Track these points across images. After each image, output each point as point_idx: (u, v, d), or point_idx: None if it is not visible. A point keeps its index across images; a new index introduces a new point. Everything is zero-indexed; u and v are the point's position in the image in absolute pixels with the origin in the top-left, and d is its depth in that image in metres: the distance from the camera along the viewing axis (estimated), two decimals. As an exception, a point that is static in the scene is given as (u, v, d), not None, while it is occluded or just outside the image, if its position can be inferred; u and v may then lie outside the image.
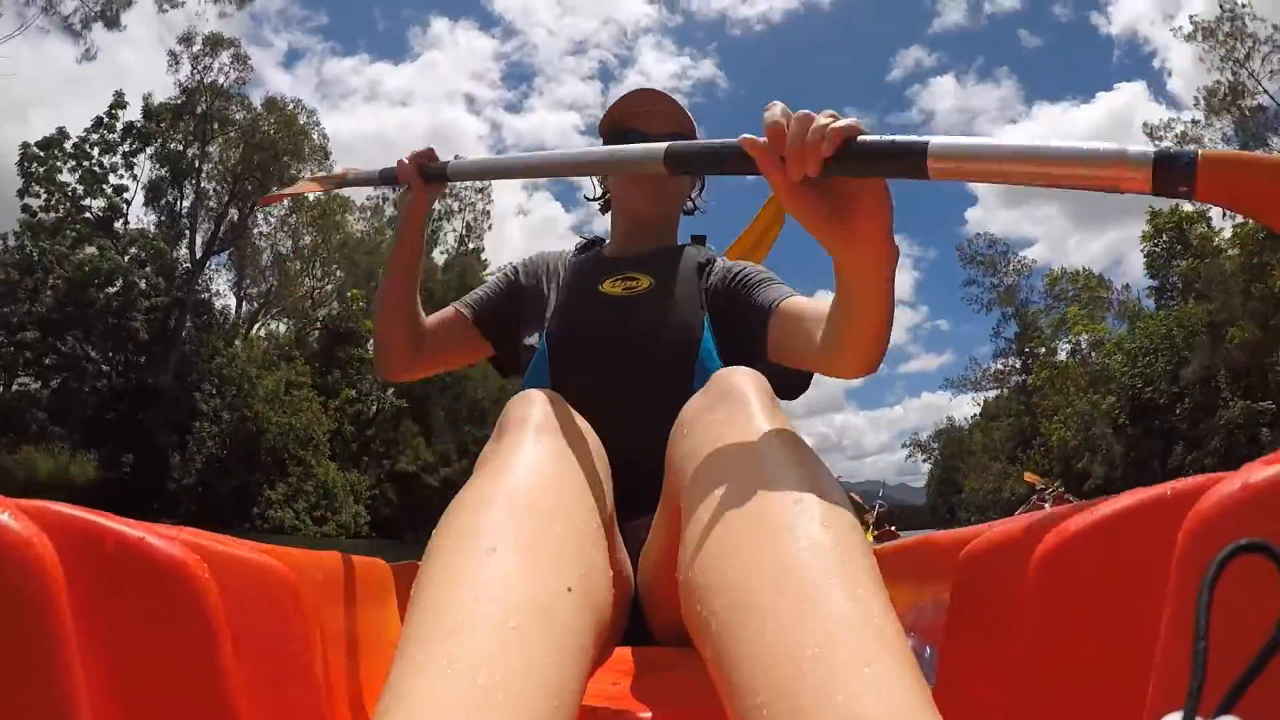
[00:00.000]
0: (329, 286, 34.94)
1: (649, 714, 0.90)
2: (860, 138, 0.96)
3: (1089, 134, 56.06)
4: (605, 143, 1.83)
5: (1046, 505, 7.38)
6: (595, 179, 2.03)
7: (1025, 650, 0.63)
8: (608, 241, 1.97)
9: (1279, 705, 0.42)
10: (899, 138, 0.96)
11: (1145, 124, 30.36)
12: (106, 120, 29.59)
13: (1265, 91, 29.78)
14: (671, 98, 1.81)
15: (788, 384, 1.69)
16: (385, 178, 1.76)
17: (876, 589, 0.69)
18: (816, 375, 1.67)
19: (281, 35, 66.97)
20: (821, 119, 0.96)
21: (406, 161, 1.68)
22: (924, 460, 61.36)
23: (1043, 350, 42.72)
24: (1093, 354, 38.91)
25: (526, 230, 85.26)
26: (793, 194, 1.00)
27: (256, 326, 33.94)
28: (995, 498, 45.50)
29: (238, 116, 32.18)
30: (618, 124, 1.83)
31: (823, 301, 1.39)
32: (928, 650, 0.93)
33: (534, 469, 0.90)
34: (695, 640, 0.77)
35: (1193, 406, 27.93)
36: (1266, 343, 25.07)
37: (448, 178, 1.68)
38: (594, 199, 2.07)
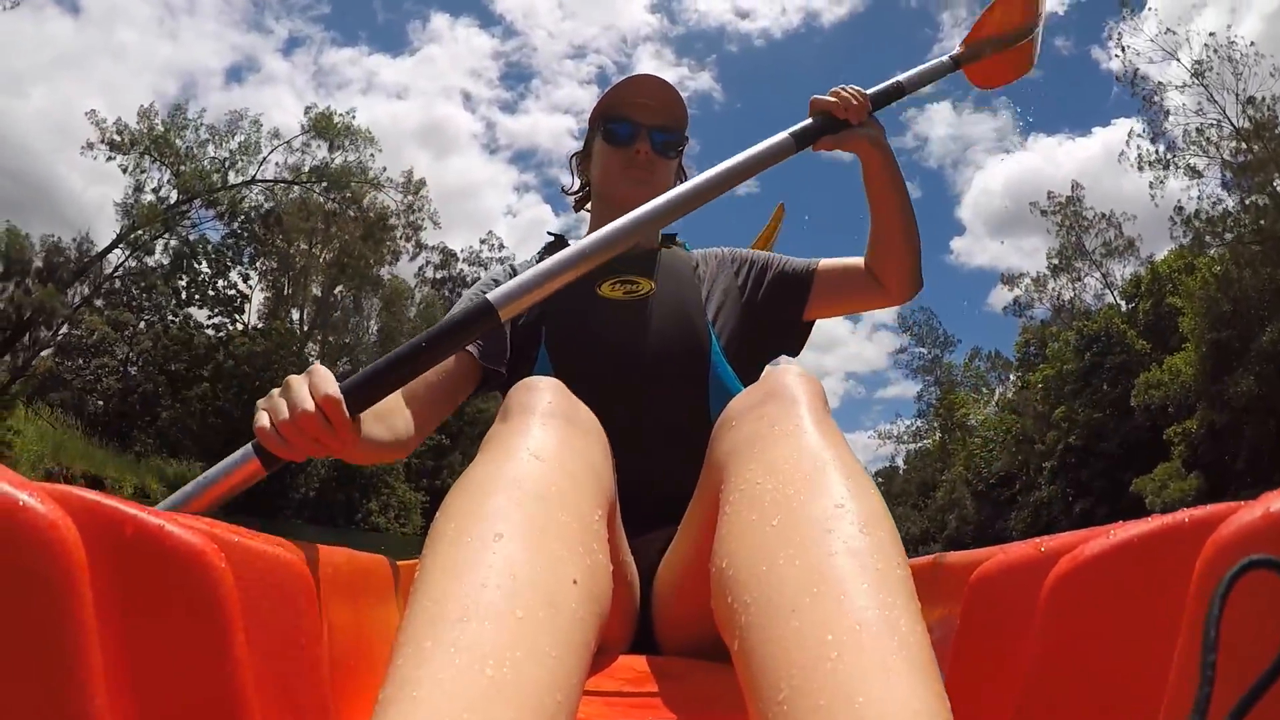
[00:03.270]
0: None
1: None
2: (874, 91, 1.49)
3: (1084, 168, 56.69)
4: (596, 128, 1.64)
5: None
6: (575, 167, 1.77)
7: (1034, 674, 0.56)
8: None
9: None
10: (884, 84, 1.53)
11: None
12: (237, 229, 33.40)
13: (1090, 258, 36.95)
14: (668, 85, 1.60)
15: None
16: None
17: (907, 598, 0.62)
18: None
19: (283, 22, 61.10)
20: (853, 92, 1.44)
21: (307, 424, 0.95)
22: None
23: (958, 413, 45.29)
24: (975, 430, 43.22)
25: (514, 232, 74.76)
26: (850, 135, 1.43)
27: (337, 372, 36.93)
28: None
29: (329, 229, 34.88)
30: (610, 111, 1.61)
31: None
32: None
33: (539, 454, 0.78)
34: (722, 631, 0.68)
35: (1020, 486, 34.46)
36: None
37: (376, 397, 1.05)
38: (571, 192, 1.79)
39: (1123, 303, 33.14)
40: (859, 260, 1.60)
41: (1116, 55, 28.82)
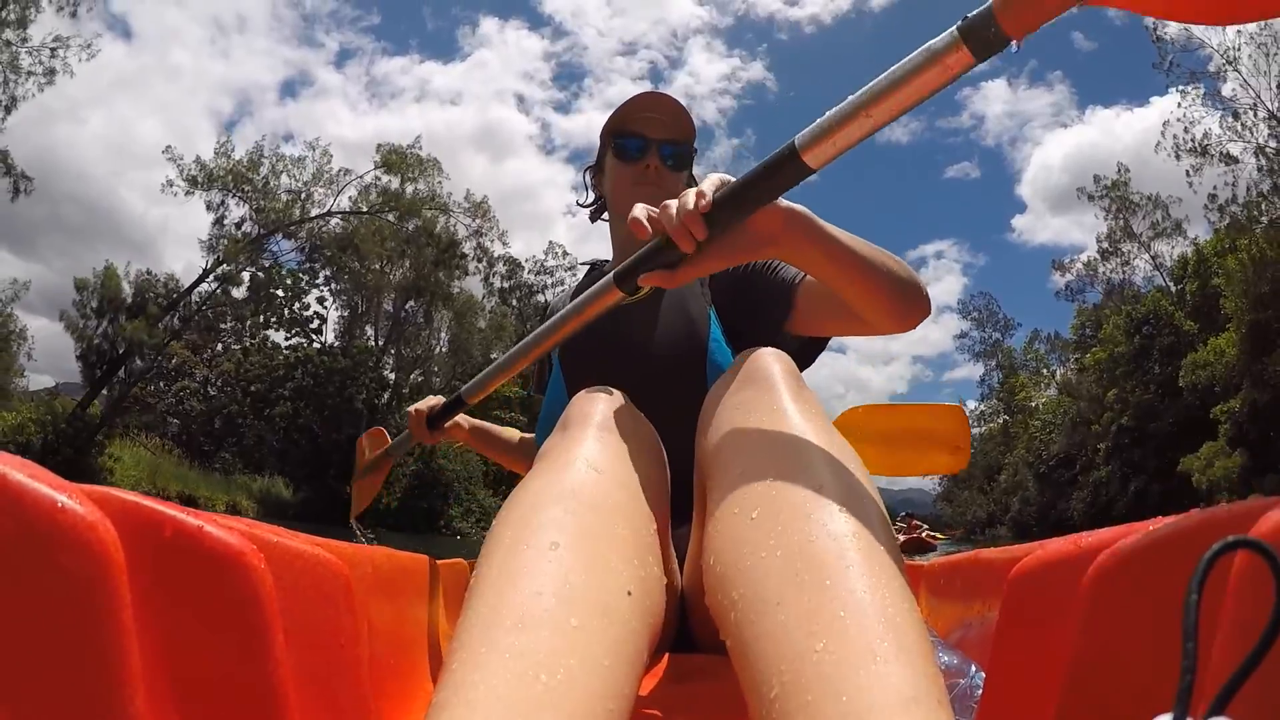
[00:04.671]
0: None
1: None
2: (726, 188, 0.89)
3: (1143, 138, 53.87)
4: (607, 144, 1.60)
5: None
6: (589, 180, 1.75)
7: (1074, 669, 0.53)
8: (612, 256, 1.70)
9: (1274, 707, 0.36)
10: (767, 159, 0.85)
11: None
12: (312, 255, 33.02)
13: (1139, 240, 35.27)
14: (675, 100, 1.54)
15: (799, 355, 1.42)
16: (401, 446, 1.89)
17: (892, 576, 0.58)
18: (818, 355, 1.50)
19: (333, 35, 61.61)
20: (680, 202, 0.90)
21: (414, 420, 1.70)
22: (939, 478, 57.55)
23: (1019, 396, 44.48)
24: (1036, 413, 42.29)
25: (574, 231, 73.63)
26: (702, 260, 0.94)
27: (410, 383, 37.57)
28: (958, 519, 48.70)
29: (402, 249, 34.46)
30: (619, 127, 1.58)
31: None
32: (973, 668, 0.80)
33: (597, 466, 0.77)
34: (718, 629, 0.66)
35: (1079, 467, 34.00)
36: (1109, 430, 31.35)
37: (452, 414, 1.67)
38: (585, 205, 1.76)
39: (1171, 284, 32.17)
40: None
41: (1154, 42, 27.96)
